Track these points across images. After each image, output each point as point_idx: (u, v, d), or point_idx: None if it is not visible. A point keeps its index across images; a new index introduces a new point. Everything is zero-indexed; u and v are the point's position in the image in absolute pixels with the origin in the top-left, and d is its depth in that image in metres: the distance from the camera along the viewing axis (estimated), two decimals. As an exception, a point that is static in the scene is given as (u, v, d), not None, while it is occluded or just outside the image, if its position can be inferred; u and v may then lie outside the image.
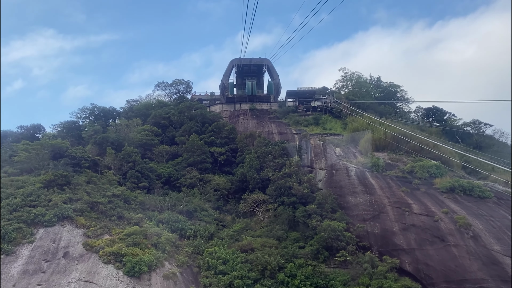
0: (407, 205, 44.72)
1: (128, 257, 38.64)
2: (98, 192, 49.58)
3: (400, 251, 41.01)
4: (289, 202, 48.45)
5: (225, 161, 61.86)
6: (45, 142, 56.97)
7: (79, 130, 73.11)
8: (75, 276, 37.29)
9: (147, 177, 55.62)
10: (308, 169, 56.98)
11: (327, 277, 39.67)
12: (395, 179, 49.91)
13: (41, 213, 43.53)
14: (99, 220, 44.96)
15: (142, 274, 38.01)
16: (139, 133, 65.21)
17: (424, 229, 41.63)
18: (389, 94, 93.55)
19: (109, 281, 37.06)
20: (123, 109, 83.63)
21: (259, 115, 78.67)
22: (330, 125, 70.78)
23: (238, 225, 48.27)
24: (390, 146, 57.59)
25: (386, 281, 37.76)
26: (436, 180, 48.94)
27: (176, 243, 44.23)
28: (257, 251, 42.07)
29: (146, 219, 46.67)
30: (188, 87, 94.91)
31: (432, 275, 38.12)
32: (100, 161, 57.60)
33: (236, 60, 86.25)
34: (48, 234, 42.07)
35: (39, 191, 47.14)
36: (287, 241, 44.38)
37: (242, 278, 39.09)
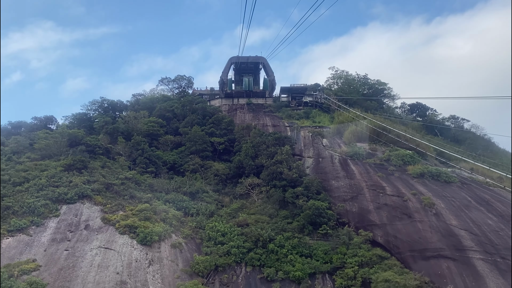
0: (382, 188, 50.76)
1: (141, 229, 44.57)
2: (112, 175, 55.39)
3: (373, 226, 47.09)
4: (280, 185, 54.35)
5: (224, 150, 67.66)
6: (63, 131, 62.72)
7: (89, 121, 78.60)
8: (96, 244, 43.23)
9: (154, 163, 61.42)
10: (298, 157, 62.91)
11: (311, 247, 45.72)
12: (373, 166, 55.88)
13: (64, 192, 49.38)
14: (114, 199, 50.85)
15: (153, 243, 43.99)
16: (146, 124, 70.85)
17: (394, 207, 47.71)
18: (376, 91, 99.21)
19: (125, 248, 43.00)
20: (130, 102, 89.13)
21: (255, 109, 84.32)
22: (319, 119, 76.56)
23: (235, 205, 54.23)
24: (371, 138, 63.46)
25: (360, 250, 43.86)
26: (409, 167, 54.87)
27: (181, 219, 50.12)
28: (251, 226, 48.04)
29: (154, 199, 52.54)
30: (190, 83, 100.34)
31: (399, 246, 44.24)
32: (112, 149, 63.33)
33: (235, 58, 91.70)
34: (71, 210, 47.95)
35: (61, 174, 52.93)
36: (277, 218, 50.36)
37: (238, 248, 45.08)
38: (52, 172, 52.84)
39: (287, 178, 54.60)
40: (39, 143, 61.14)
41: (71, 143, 61.46)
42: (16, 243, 42.24)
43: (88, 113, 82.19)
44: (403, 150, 58.47)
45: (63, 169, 53.77)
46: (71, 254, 41.51)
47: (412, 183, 51.43)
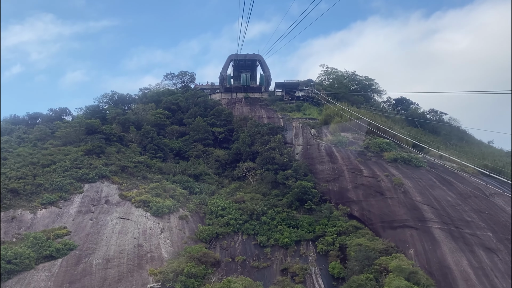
0: (360, 171, 57.77)
1: (153, 203, 51.57)
2: (126, 159, 62.28)
3: (351, 202, 54.19)
4: (272, 169, 61.29)
5: (223, 138, 74.48)
6: (82, 121, 69.48)
7: (101, 113, 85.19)
8: (116, 215, 50.22)
9: (162, 150, 68.28)
10: (289, 145, 69.84)
11: (297, 219, 52.77)
12: (354, 152, 62.81)
13: (86, 172, 56.31)
14: (128, 179, 57.79)
15: (164, 215, 51.02)
16: (153, 116, 77.58)
17: (369, 187, 54.76)
18: (364, 86, 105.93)
19: (140, 218, 50.01)
20: (137, 96, 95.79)
21: (252, 103, 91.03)
22: (309, 111, 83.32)
23: (233, 185, 61.22)
24: (353, 128, 70.36)
25: (339, 222, 50.94)
26: (385, 153, 61.75)
27: (186, 197, 57.10)
28: (247, 202, 55.04)
29: (163, 179, 59.43)
30: (192, 78, 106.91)
31: (372, 218, 51.35)
32: (125, 137, 70.06)
33: (233, 55, 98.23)
34: (92, 188, 54.90)
35: (82, 157, 59.78)
36: (269, 196, 57.35)
37: (235, 220, 52.10)
38: (75, 156, 59.69)
39: (278, 163, 61.57)
40: (60, 131, 67.93)
41: (88, 132, 68.18)
42: (48, 214, 49.22)
43: (100, 105, 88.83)
44: (381, 139, 65.38)
45: (83, 154, 60.62)
46: (95, 223, 48.53)
47: (386, 166, 58.42)
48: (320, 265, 46.80)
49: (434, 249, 45.32)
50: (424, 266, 43.57)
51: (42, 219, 48.16)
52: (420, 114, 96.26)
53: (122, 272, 42.30)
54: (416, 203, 50.92)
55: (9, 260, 39.61)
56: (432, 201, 51.17)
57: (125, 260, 43.71)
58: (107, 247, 44.77)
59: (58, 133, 68.50)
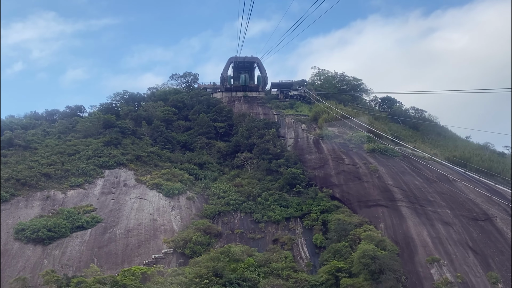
0: (342, 159, 65.54)
1: (165, 185, 59.29)
2: (140, 149, 69.93)
3: (333, 185, 61.98)
4: (267, 158, 68.90)
5: (224, 132, 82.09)
6: (99, 116, 77.13)
7: (114, 109, 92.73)
8: (133, 195, 57.96)
9: (170, 142, 75.92)
10: (282, 138, 77.44)
11: (287, 200, 60.34)
12: (338, 144, 70.53)
13: (106, 160, 64.03)
14: (143, 166, 65.50)
15: (174, 195, 58.73)
16: (162, 112, 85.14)
17: (349, 173, 62.54)
18: (353, 86, 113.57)
19: (154, 198, 57.72)
20: (146, 94, 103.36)
21: (250, 101, 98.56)
22: (301, 109, 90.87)
23: (233, 172, 68.91)
24: (339, 123, 78.05)
25: (322, 202, 58.63)
26: (365, 145, 69.50)
27: (193, 182, 64.73)
28: (245, 186, 62.76)
29: (172, 167, 67.10)
30: (195, 78, 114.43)
31: (350, 199, 59.14)
32: (137, 131, 77.64)
33: (233, 58, 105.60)
34: (112, 173, 62.60)
35: (102, 148, 67.47)
36: (264, 181, 64.98)
37: (235, 200, 59.76)
38: (95, 147, 67.40)
39: (272, 153, 69.28)
40: (81, 125, 75.62)
41: (105, 126, 75.74)
42: (76, 194, 56.99)
43: (113, 103, 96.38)
44: (362, 132, 73.10)
45: (103, 144, 68.31)
46: (116, 202, 56.30)
47: (365, 156, 66.13)
48: (305, 236, 54.59)
49: (400, 223, 53.16)
50: (391, 236, 51.40)
51: (71, 198, 55.93)
52: (403, 112, 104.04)
53: (141, 240, 50.10)
54: (388, 186, 58.73)
55: (50, 228, 47.41)
56: (401, 184, 58.98)
57: (142, 231, 51.52)
58: (127, 221, 52.57)
59: (78, 127, 76.16)
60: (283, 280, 44.70)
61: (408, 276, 45.54)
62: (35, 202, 53.67)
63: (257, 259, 47.21)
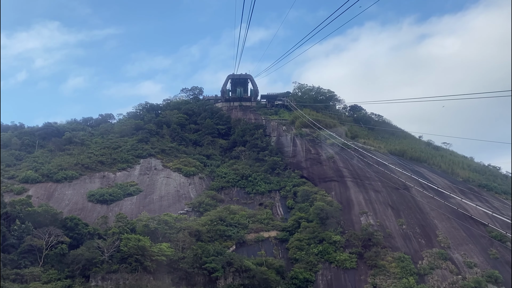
0: (310, 151, 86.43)
1: (183, 169, 79.87)
2: (163, 145, 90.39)
3: (302, 168, 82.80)
4: (256, 150, 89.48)
5: (224, 132, 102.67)
6: (131, 122, 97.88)
7: (139, 116, 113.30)
8: (162, 175, 78.46)
9: (184, 140, 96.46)
10: (268, 136, 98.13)
11: (270, 179, 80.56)
12: (309, 140, 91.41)
13: (140, 152, 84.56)
14: (166, 156, 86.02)
15: (190, 175, 79.31)
16: (177, 118, 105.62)
17: (314, 159, 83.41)
18: (329, 97, 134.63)
19: (177, 177, 78.25)
20: (162, 104, 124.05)
21: (244, 109, 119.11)
22: (283, 115, 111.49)
23: (231, 161, 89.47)
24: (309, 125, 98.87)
25: (294, 179, 79.09)
26: (327, 141, 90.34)
27: (202, 167, 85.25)
28: (240, 169, 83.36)
29: (187, 157, 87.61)
30: (201, 91, 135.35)
31: (313, 177, 79.91)
32: (160, 132, 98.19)
33: (231, 75, 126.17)
34: (145, 161, 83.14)
35: (136, 144, 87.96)
36: (254, 166, 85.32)
37: (233, 179, 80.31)
38: (131, 143, 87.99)
39: (260, 147, 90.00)
40: (119, 128, 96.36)
41: (136, 128, 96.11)
42: (122, 174, 77.54)
43: (137, 111, 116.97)
44: (326, 131, 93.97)
45: (137, 141, 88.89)
46: (151, 179, 76.88)
47: (327, 148, 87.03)
48: (281, 202, 75.27)
49: (345, 191, 74.05)
50: (338, 199, 72.13)
51: (119, 177, 76.51)
52: (366, 116, 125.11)
53: (170, 203, 70.70)
54: (339, 167, 79.75)
55: (110, 194, 68.00)
56: (349, 166, 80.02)
57: (170, 197, 72.15)
58: (159, 191, 73.21)
59: (116, 129, 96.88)
60: (264, 225, 65.47)
61: (346, 222, 66.40)
62: (96, 179, 74.28)
63: (248, 213, 67.96)
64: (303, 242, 61.25)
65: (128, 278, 47.30)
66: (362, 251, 59.56)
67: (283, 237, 63.99)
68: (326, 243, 60.51)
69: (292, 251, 60.69)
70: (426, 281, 55.42)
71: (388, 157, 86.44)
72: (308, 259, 58.43)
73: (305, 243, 61.01)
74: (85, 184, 72.34)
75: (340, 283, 55.67)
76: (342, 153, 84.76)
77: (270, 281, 52.89)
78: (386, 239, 62.12)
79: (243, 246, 61.51)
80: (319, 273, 57.20)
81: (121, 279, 47.09)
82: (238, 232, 62.43)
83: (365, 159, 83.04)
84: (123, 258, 48.16)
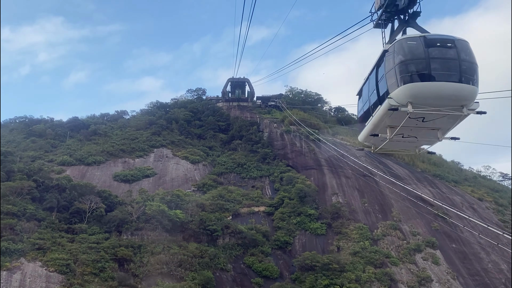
0: (295, 144, 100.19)
1: (190, 157, 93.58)
2: (173, 137, 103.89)
3: (288, 159, 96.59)
4: (251, 143, 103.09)
5: (224, 128, 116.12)
6: (145, 118, 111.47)
7: (151, 113, 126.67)
8: (172, 162, 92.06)
9: (190, 134, 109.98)
10: (261, 132, 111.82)
11: (262, 167, 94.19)
12: (295, 136, 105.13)
13: (154, 143, 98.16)
14: (176, 147, 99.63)
15: (195, 163, 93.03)
16: (184, 115, 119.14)
17: (298, 151, 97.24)
18: (315, 100, 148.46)
19: (184, 164, 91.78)
20: (171, 103, 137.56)
21: (242, 109, 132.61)
22: (275, 114, 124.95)
23: (229, 152, 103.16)
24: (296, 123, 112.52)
25: (281, 167, 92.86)
26: (310, 136, 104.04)
27: (205, 156, 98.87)
28: (237, 159, 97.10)
29: (193, 148, 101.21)
30: (204, 92, 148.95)
31: (298, 166, 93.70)
32: (169, 127, 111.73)
33: (231, 79, 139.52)
34: (158, 150, 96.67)
35: (150, 136, 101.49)
36: (248, 156, 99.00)
37: (230, 166, 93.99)
38: (146, 135, 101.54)
39: (254, 140, 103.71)
40: (134, 122, 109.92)
41: (149, 123, 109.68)
42: (140, 160, 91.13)
43: (149, 109, 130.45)
44: (311, 129, 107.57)
45: (150, 134, 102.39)
46: (163, 165, 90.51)
47: (309, 142, 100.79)
48: (270, 185, 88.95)
49: (322, 177, 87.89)
50: (316, 183, 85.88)
51: (137, 163, 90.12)
52: (347, 116, 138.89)
53: (179, 183, 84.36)
54: (319, 158, 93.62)
55: (132, 175, 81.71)
56: (327, 157, 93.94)
57: (179, 179, 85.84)
58: (171, 175, 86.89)
59: (132, 123, 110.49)
60: (255, 202, 79.32)
61: (320, 200, 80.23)
62: (119, 164, 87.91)
63: (242, 192, 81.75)
64: (285, 214, 75.08)
65: (150, 235, 61.01)
66: (331, 222, 73.45)
67: (269, 211, 77.70)
68: (303, 215, 74.37)
69: (276, 221, 74.48)
70: (379, 245, 69.39)
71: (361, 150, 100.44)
72: (288, 227, 72.29)
73: (286, 215, 74.84)
74: (110, 167, 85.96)
75: (312, 244, 69.55)
76: (322, 146, 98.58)
77: (258, 241, 66.73)
78: (351, 214, 76.08)
79: (237, 217, 75.21)
80: (296, 237, 71.08)
81: (145, 235, 60.83)
82: (234, 206, 76.20)
83: (340, 151, 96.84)
84: (146, 220, 61.91)
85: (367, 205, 79.18)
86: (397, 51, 14.68)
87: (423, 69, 13.99)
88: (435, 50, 14.01)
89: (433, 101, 14.20)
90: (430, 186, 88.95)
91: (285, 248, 68.59)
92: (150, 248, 57.16)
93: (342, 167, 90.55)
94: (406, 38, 15.29)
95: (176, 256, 56.51)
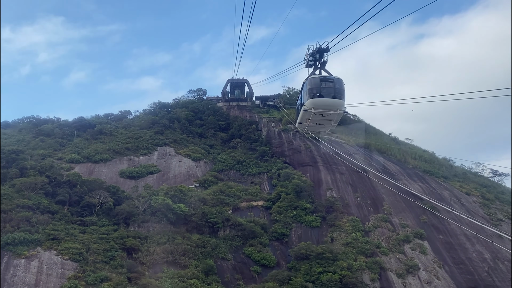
0: (292, 142, 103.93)
1: (192, 155, 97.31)
2: (175, 136, 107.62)
3: (286, 156, 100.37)
4: (249, 142, 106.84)
5: (224, 127, 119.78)
6: (148, 117, 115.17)
7: (154, 113, 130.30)
8: (175, 159, 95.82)
9: (192, 132, 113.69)
10: (259, 131, 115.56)
11: (260, 163, 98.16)
12: (292, 134, 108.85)
13: (157, 142, 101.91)
14: (178, 145, 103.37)
15: (197, 160, 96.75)
16: (185, 115, 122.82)
17: (295, 149, 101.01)
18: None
19: (187, 161, 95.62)
20: (172, 103, 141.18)
21: (241, 108, 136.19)
22: (273, 114, 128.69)
23: (229, 150, 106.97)
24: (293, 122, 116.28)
25: (279, 164, 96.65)
26: (307, 134, 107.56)
27: (206, 154, 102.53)
28: (236, 156, 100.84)
29: (195, 146, 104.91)
30: (204, 92, 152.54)
31: (294, 163, 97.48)
32: (171, 126, 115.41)
33: (230, 79, 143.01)
34: (161, 149, 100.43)
35: (154, 135, 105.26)
36: (247, 154, 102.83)
37: (231, 163, 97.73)
38: (150, 134, 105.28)
39: (253, 139, 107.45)
40: (138, 122, 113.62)
41: (152, 122, 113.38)
42: (144, 158, 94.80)
43: (151, 109, 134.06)
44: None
45: (154, 133, 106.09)
46: (166, 162, 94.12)
47: (305, 140, 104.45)
48: (268, 181, 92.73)
49: (317, 173, 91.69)
50: (312, 179, 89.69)
51: (142, 160, 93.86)
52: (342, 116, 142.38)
53: (182, 180, 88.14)
54: (314, 155, 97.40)
55: (137, 172, 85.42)
56: (322, 154, 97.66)
57: (182, 176, 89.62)
58: (174, 171, 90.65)
59: (136, 122, 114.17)
60: (254, 197, 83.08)
61: (315, 195, 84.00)
62: (124, 161, 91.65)
63: (242, 188, 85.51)
64: (282, 208, 78.88)
65: (156, 226, 64.80)
66: (325, 215, 77.27)
67: (267, 205, 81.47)
68: (299, 209, 78.20)
69: (274, 214, 78.27)
70: (370, 236, 73.22)
71: (355, 148, 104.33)
72: (285, 220, 76.10)
73: (283, 209, 78.63)
74: (116, 164, 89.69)
75: (307, 236, 73.35)
76: (317, 144, 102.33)
77: (257, 233, 70.54)
78: (344, 207, 79.91)
79: (237, 211, 78.97)
80: (293, 230, 74.89)
81: (151, 227, 64.62)
82: (234, 201, 79.99)
83: (335, 149, 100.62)
84: (152, 213, 65.66)
85: (360, 199, 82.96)
86: (308, 82, 26.07)
87: (318, 92, 25.34)
88: (324, 83, 25.42)
89: (323, 107, 25.63)
90: (420, 182, 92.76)
91: (282, 239, 72.36)
92: (156, 239, 60.92)
93: (336, 163, 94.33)
94: (313, 76, 26.41)
95: (180, 246, 60.27)
